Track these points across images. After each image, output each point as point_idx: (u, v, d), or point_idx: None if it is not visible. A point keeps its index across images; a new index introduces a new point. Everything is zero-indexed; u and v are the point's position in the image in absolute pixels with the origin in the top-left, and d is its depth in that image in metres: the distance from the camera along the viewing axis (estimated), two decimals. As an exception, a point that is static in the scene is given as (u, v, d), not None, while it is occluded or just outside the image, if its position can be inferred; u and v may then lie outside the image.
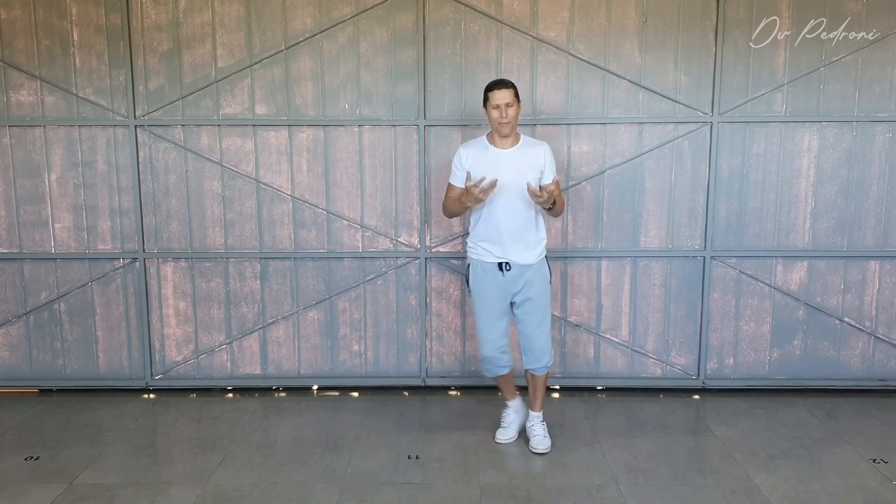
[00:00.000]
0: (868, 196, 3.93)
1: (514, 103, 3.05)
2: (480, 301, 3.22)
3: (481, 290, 3.21)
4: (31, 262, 4.05)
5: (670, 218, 3.97)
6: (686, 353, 4.09)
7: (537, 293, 3.19)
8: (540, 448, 3.29)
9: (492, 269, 3.17)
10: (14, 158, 3.95)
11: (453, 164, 3.19)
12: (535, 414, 3.39)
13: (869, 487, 2.98)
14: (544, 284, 3.22)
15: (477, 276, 3.21)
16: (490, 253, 3.16)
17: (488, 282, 3.19)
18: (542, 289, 3.21)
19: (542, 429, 3.36)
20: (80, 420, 3.75)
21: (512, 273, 3.15)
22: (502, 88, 3.04)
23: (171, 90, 3.89)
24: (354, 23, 3.84)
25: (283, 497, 2.92)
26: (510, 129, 3.08)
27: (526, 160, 3.11)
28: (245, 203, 3.99)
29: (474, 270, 3.23)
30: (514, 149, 3.13)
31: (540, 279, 3.20)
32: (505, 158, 3.10)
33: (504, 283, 3.17)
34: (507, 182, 3.05)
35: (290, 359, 4.13)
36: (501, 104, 3.03)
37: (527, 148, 3.16)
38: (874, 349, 4.05)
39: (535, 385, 3.36)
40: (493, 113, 3.06)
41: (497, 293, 3.19)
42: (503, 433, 3.41)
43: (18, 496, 2.94)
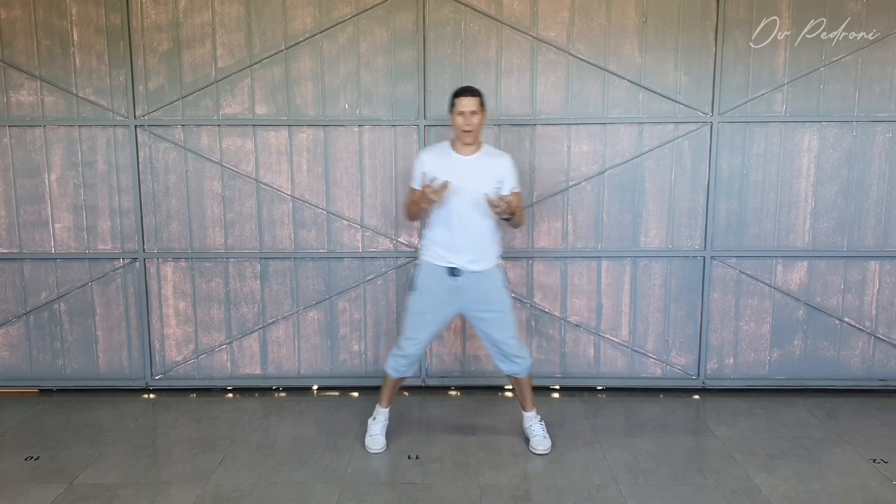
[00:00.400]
0: (868, 196, 3.93)
1: (479, 112, 3.06)
2: (421, 300, 3.19)
3: (426, 290, 3.18)
4: (31, 262, 4.05)
5: (670, 218, 3.97)
6: (686, 353, 4.09)
7: (494, 300, 3.18)
8: (540, 448, 3.29)
9: (441, 272, 3.15)
10: (14, 158, 3.95)
11: (415, 167, 3.20)
12: (530, 414, 3.40)
13: (869, 487, 2.98)
14: (500, 289, 3.20)
15: (426, 276, 3.19)
16: (442, 257, 3.14)
17: (436, 284, 3.16)
18: (499, 294, 3.19)
19: (541, 428, 3.36)
20: (80, 420, 3.75)
21: (462, 280, 3.13)
22: (468, 96, 3.05)
23: (171, 90, 3.90)
24: (354, 23, 3.85)
25: (283, 497, 2.92)
26: (473, 137, 3.09)
27: (486, 169, 3.12)
28: (245, 203, 3.99)
29: (424, 271, 3.21)
30: (475, 156, 3.14)
31: (493, 285, 3.19)
32: (465, 165, 3.11)
33: (452, 289, 3.15)
34: (465, 188, 3.06)
35: (290, 359, 4.13)
36: (466, 111, 3.04)
37: (488, 157, 3.16)
38: (874, 349, 4.05)
39: (520, 387, 3.36)
40: (458, 119, 3.07)
41: (441, 297, 3.17)
42: (375, 442, 3.34)
43: (18, 496, 2.94)
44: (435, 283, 3.17)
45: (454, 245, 3.11)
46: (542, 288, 4.04)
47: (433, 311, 3.19)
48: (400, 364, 3.27)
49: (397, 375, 3.31)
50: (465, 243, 3.11)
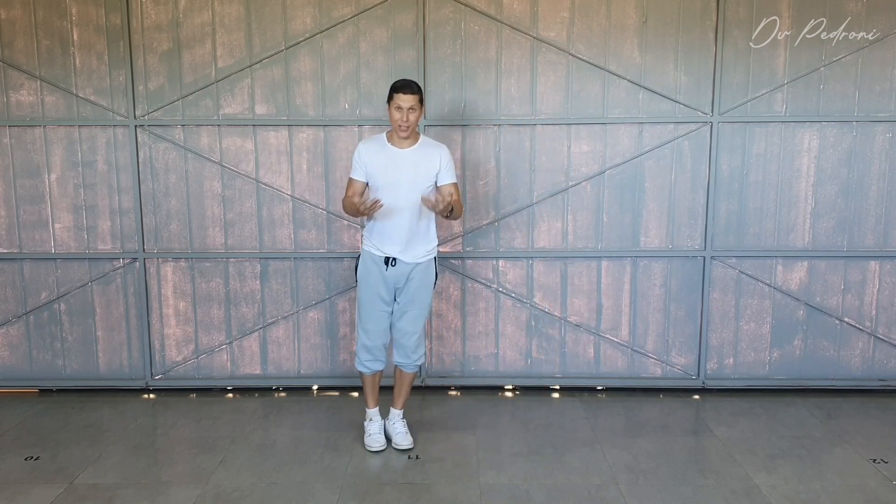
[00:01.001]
0: (868, 196, 3.93)
1: (416, 108, 3.07)
2: (366, 291, 3.25)
3: (368, 280, 3.24)
4: (31, 262, 4.04)
5: (670, 218, 3.97)
6: (686, 353, 4.09)
7: (417, 289, 3.23)
8: (404, 444, 3.34)
9: (378, 261, 3.21)
10: (14, 158, 3.95)
11: (353, 159, 3.22)
12: (397, 411, 3.44)
13: (869, 487, 2.98)
14: (427, 284, 3.26)
15: (366, 266, 3.25)
16: (378, 247, 3.20)
17: (375, 273, 3.22)
18: (424, 287, 3.25)
19: (403, 425, 3.42)
20: (80, 420, 3.74)
21: (396, 269, 3.20)
22: (407, 93, 3.04)
23: (171, 90, 3.89)
24: (354, 23, 3.84)
25: (283, 497, 2.92)
26: (409, 133, 3.10)
27: (421, 161, 3.15)
28: (245, 203, 3.99)
29: (363, 261, 3.27)
30: (411, 149, 3.16)
31: (423, 278, 3.24)
32: (401, 157, 3.14)
33: (388, 278, 3.22)
34: (401, 181, 3.11)
35: (290, 359, 4.13)
36: (404, 107, 3.04)
37: (424, 149, 3.18)
38: (874, 349, 4.05)
39: (402, 381, 3.40)
40: (395, 114, 3.07)
41: (380, 286, 3.23)
42: (376, 440, 3.37)
43: (18, 496, 2.94)
44: (373, 273, 3.23)
45: (390, 236, 3.17)
46: (542, 288, 4.04)
47: (376, 299, 3.24)
48: (364, 358, 3.32)
49: (367, 371, 3.35)
50: (400, 235, 3.16)
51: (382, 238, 3.19)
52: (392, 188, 3.11)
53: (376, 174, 3.14)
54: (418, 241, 3.20)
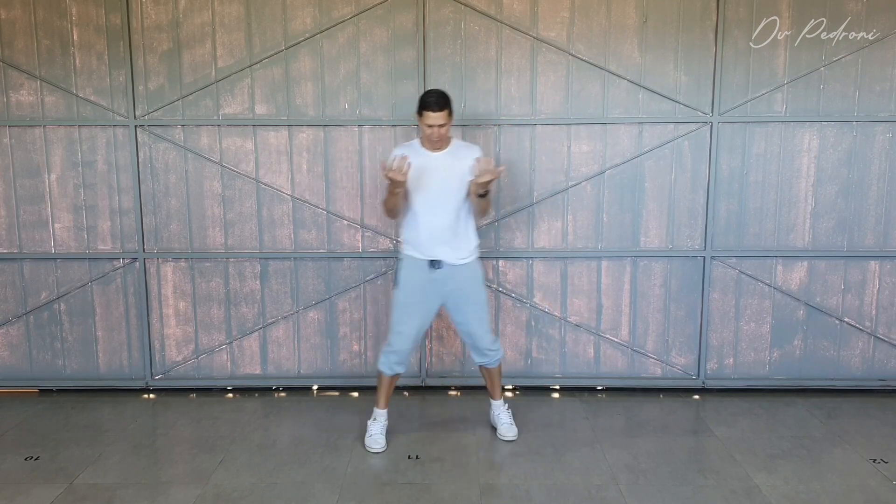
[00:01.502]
0: (868, 196, 3.93)
1: (446, 121, 3.11)
2: (405, 293, 3.26)
3: (409, 282, 3.25)
4: (31, 262, 4.05)
5: (670, 218, 3.97)
6: (686, 353, 4.09)
7: (470, 288, 3.27)
8: (509, 435, 3.41)
9: (422, 264, 3.23)
10: (14, 158, 3.95)
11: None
12: (498, 402, 3.52)
13: (869, 487, 2.98)
14: (478, 282, 3.30)
15: (408, 269, 3.26)
16: (422, 251, 3.23)
17: (418, 276, 3.24)
18: (475, 284, 3.29)
19: (508, 416, 3.49)
20: (80, 420, 3.75)
21: (443, 272, 3.22)
22: (436, 111, 3.07)
23: (171, 90, 3.90)
24: (354, 23, 3.85)
25: (283, 497, 2.92)
26: (441, 145, 3.19)
27: (456, 163, 3.19)
28: (245, 203, 3.99)
29: (406, 264, 3.28)
30: (445, 152, 3.21)
31: (473, 277, 3.28)
32: (436, 162, 3.19)
33: (434, 281, 3.23)
34: (439, 184, 3.17)
35: (290, 359, 4.13)
36: (434, 125, 3.10)
37: (457, 151, 3.23)
38: (874, 349, 4.05)
39: (491, 376, 3.48)
40: (426, 129, 3.14)
41: (424, 289, 3.25)
42: (376, 441, 3.34)
43: (18, 496, 2.94)
44: (416, 277, 3.24)
45: (432, 239, 3.19)
46: (542, 288, 4.04)
47: (417, 303, 3.26)
48: (391, 360, 3.32)
49: (390, 373, 3.36)
50: (442, 237, 3.19)
51: (423, 242, 3.22)
52: (428, 192, 3.17)
53: (412, 179, 3.14)
54: (459, 242, 3.24)
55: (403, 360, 3.34)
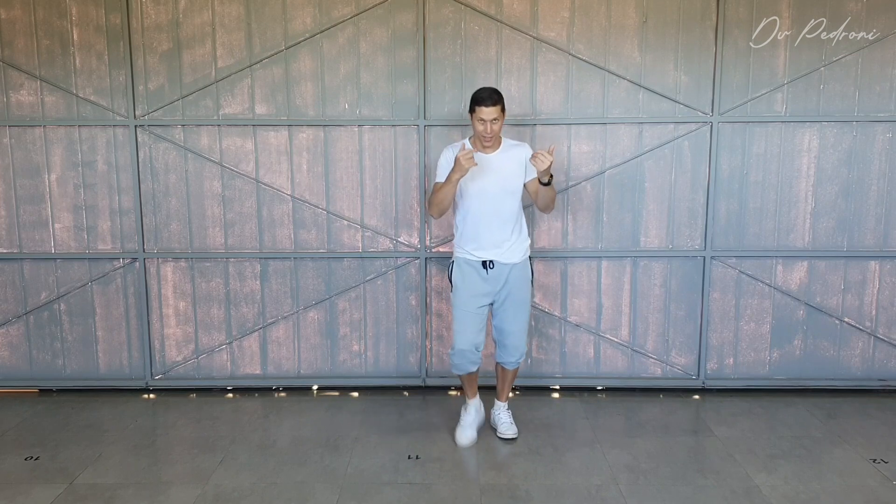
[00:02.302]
0: (868, 196, 3.93)
1: (499, 118, 3.10)
2: (463, 295, 3.28)
3: (465, 284, 3.27)
4: (31, 262, 4.05)
5: (670, 218, 3.97)
6: (686, 353, 4.09)
7: (518, 291, 3.28)
8: (509, 434, 3.43)
9: (476, 265, 3.25)
10: (14, 158, 3.95)
11: (439, 165, 3.24)
12: (502, 403, 3.53)
13: (869, 487, 2.98)
14: (526, 283, 3.31)
15: (461, 271, 3.29)
16: (474, 253, 3.24)
17: (472, 277, 3.26)
18: (524, 287, 3.30)
19: (508, 416, 3.50)
20: (80, 420, 3.75)
21: (495, 271, 3.24)
22: (490, 105, 3.05)
23: (171, 90, 3.90)
24: (354, 23, 3.85)
25: (283, 497, 2.92)
26: (493, 142, 3.17)
27: (508, 162, 3.20)
28: (245, 203, 3.99)
29: (459, 266, 3.30)
30: (497, 152, 3.21)
31: (522, 277, 3.29)
32: (488, 162, 3.18)
33: (487, 280, 3.25)
34: (491, 185, 3.17)
35: (290, 359, 4.13)
36: (487, 120, 3.07)
37: (509, 150, 3.23)
38: (874, 349, 4.05)
39: (505, 377, 3.48)
40: (478, 126, 3.11)
41: (479, 289, 3.26)
42: (465, 434, 3.41)
43: (18, 496, 2.94)
44: (470, 277, 3.26)
45: (485, 240, 3.21)
46: (542, 288, 4.04)
47: (472, 303, 3.26)
48: (458, 361, 3.34)
49: (460, 372, 3.40)
50: (495, 238, 3.20)
51: (477, 243, 3.23)
52: (481, 194, 3.17)
53: (464, 181, 3.16)
54: (513, 242, 3.24)
55: (474, 359, 3.33)
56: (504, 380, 3.49)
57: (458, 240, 3.32)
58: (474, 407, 3.48)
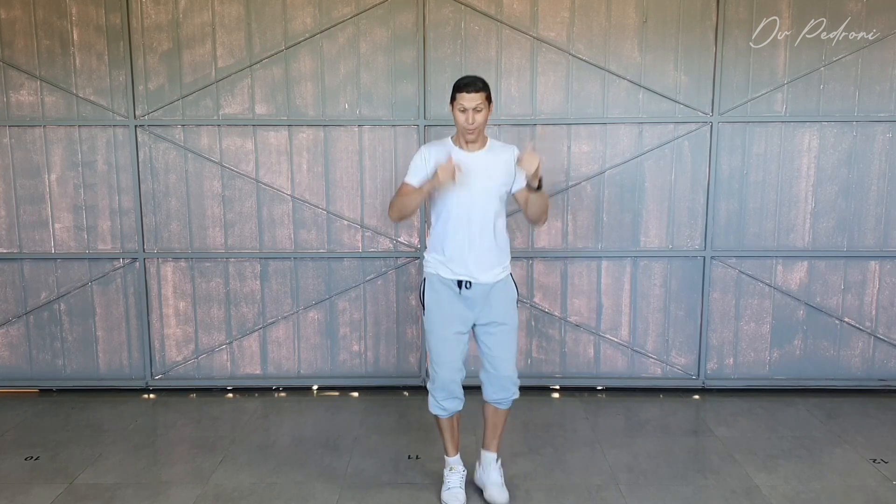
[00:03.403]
0: (868, 196, 3.93)
1: (483, 107, 2.66)
2: (437, 318, 2.77)
3: (439, 305, 2.76)
4: (31, 262, 4.05)
5: (670, 218, 3.97)
6: (686, 353, 4.09)
7: (502, 313, 2.76)
8: (501, 500, 2.82)
9: (450, 283, 2.74)
10: (14, 158, 3.95)
11: (412, 163, 2.80)
12: (491, 455, 2.90)
13: (869, 487, 2.98)
14: (510, 304, 2.80)
15: (434, 290, 2.77)
16: (449, 269, 2.74)
17: (446, 296, 2.75)
18: (508, 308, 2.79)
19: (500, 474, 2.89)
20: (80, 420, 3.74)
21: (472, 292, 2.73)
22: (472, 91, 2.63)
23: (171, 90, 3.89)
24: (354, 23, 3.85)
25: (283, 497, 2.92)
26: (476, 135, 2.70)
27: (495, 164, 2.73)
28: (245, 203, 3.99)
29: (431, 284, 2.78)
30: (481, 153, 2.74)
31: (505, 298, 2.78)
32: (472, 161, 2.71)
33: (464, 300, 2.75)
34: (473, 189, 2.69)
35: (290, 359, 4.13)
36: (469, 108, 2.63)
37: (495, 152, 2.76)
38: (874, 349, 4.05)
39: (496, 421, 2.87)
40: (459, 116, 2.67)
41: (455, 311, 2.76)
42: (455, 497, 2.82)
43: (18, 496, 2.94)
44: (444, 298, 2.76)
45: (461, 254, 2.71)
46: (542, 288, 4.04)
47: (452, 326, 2.76)
48: (440, 397, 2.78)
49: (445, 413, 2.82)
50: (472, 251, 2.70)
51: (452, 257, 2.72)
52: (464, 199, 2.69)
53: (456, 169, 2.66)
54: (493, 257, 2.73)
55: (455, 393, 2.78)
56: (495, 424, 2.87)
57: (432, 247, 2.81)
58: (459, 463, 2.91)
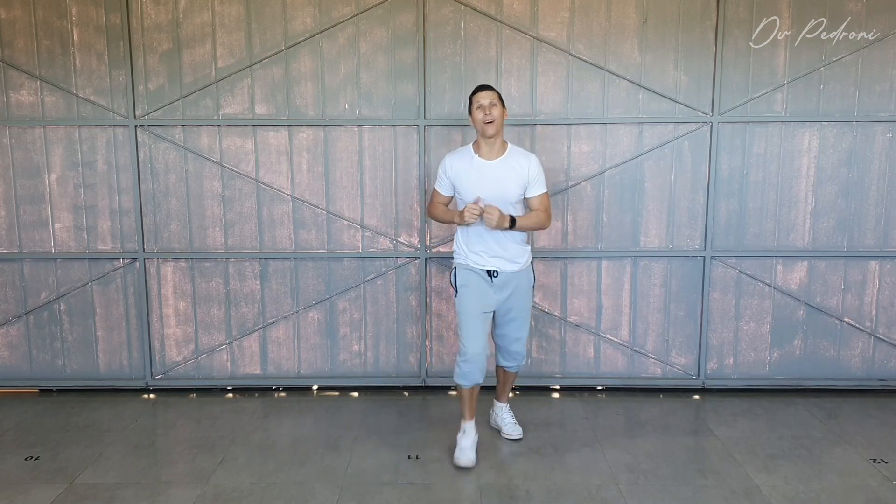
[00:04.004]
0: (868, 196, 3.93)
1: (497, 104, 3.05)
2: (468, 299, 3.16)
3: (469, 289, 3.16)
4: (31, 262, 4.05)
5: (670, 218, 3.97)
6: (686, 353, 4.09)
7: (521, 299, 3.23)
8: (515, 434, 3.45)
9: (480, 272, 3.16)
10: (14, 158, 3.95)
11: (439, 172, 3.21)
12: (503, 404, 3.55)
13: (869, 487, 2.98)
14: (528, 289, 3.26)
15: (465, 276, 3.18)
16: (476, 262, 3.15)
17: (476, 282, 3.16)
18: (526, 293, 3.25)
19: (511, 416, 3.53)
20: (80, 420, 3.75)
21: (499, 279, 3.15)
22: (487, 90, 3.07)
23: (171, 90, 3.90)
24: (354, 23, 3.85)
25: (283, 497, 2.92)
26: (495, 128, 3.04)
27: (510, 171, 3.08)
28: (245, 203, 3.99)
29: (461, 272, 3.20)
30: (500, 159, 3.10)
31: (526, 286, 3.24)
32: (489, 169, 3.09)
33: (491, 288, 3.16)
34: (490, 194, 3.05)
35: (290, 359, 4.13)
36: (485, 103, 3.02)
37: (513, 158, 3.11)
38: (874, 349, 4.05)
39: (507, 379, 3.49)
40: (478, 114, 3.04)
41: (484, 294, 3.17)
42: (467, 456, 3.18)
43: (18, 496, 2.94)
44: (475, 282, 3.16)
45: (486, 250, 3.12)
46: (542, 288, 4.04)
47: (481, 308, 3.16)
48: (466, 369, 3.16)
49: (468, 384, 3.19)
50: (496, 248, 3.11)
51: (479, 252, 3.13)
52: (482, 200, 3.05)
53: (463, 189, 3.10)
54: (515, 251, 3.15)
55: (480, 367, 3.16)
56: (506, 382, 3.49)
57: (459, 248, 3.22)
58: (472, 429, 3.27)
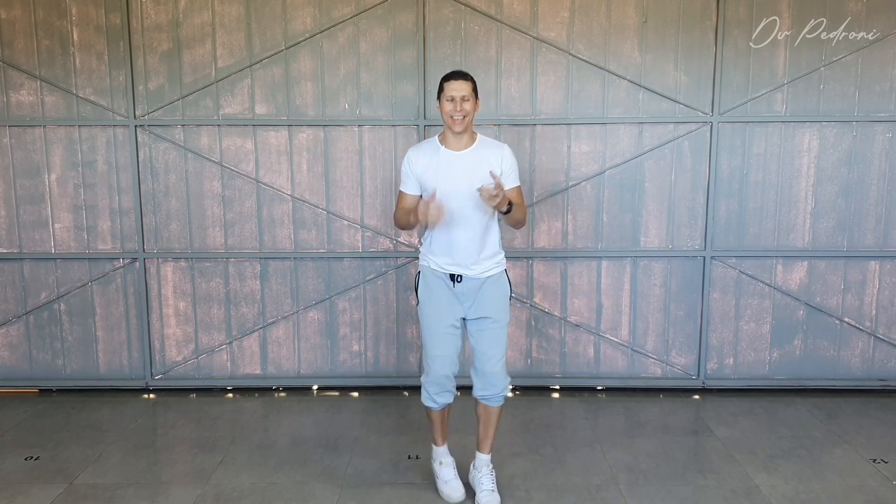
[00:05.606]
0: (868, 196, 3.93)
1: (471, 98, 2.64)
2: (430, 311, 2.79)
3: (431, 299, 2.78)
4: (31, 262, 4.05)
5: (670, 218, 3.97)
6: (686, 353, 4.09)
7: (494, 309, 2.76)
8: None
9: (443, 276, 2.76)
10: (14, 158, 3.95)
11: (402, 168, 2.79)
12: (484, 457, 2.89)
13: (869, 487, 2.98)
14: (502, 300, 2.79)
15: (427, 283, 2.80)
16: (441, 264, 2.76)
17: (439, 291, 2.77)
18: (500, 305, 2.78)
19: (491, 479, 2.85)
20: (80, 420, 3.74)
21: (464, 285, 2.74)
22: (459, 79, 2.64)
23: (171, 90, 3.90)
24: (354, 23, 3.85)
25: (283, 497, 2.92)
26: (463, 126, 2.65)
27: (480, 164, 2.66)
28: (245, 203, 3.99)
29: (424, 278, 2.82)
30: (468, 150, 2.71)
31: (497, 294, 2.78)
32: (457, 161, 2.69)
33: (455, 294, 2.76)
34: (459, 189, 2.65)
35: (290, 359, 4.13)
36: (457, 96, 2.61)
37: (483, 150, 2.72)
38: (874, 349, 4.05)
39: (488, 418, 2.85)
40: (447, 106, 2.63)
41: (447, 305, 2.77)
42: (452, 488, 2.87)
43: (18, 496, 2.94)
44: (436, 289, 2.78)
45: (453, 251, 2.72)
46: (542, 288, 4.04)
47: (445, 319, 2.77)
48: (433, 391, 2.82)
49: (436, 406, 2.86)
50: (464, 249, 2.71)
51: (444, 253, 2.74)
52: (450, 198, 2.65)
53: (430, 183, 2.69)
54: (485, 254, 2.73)
55: (447, 387, 2.81)
56: (487, 423, 2.85)
57: (425, 247, 2.84)
58: (447, 455, 2.96)
